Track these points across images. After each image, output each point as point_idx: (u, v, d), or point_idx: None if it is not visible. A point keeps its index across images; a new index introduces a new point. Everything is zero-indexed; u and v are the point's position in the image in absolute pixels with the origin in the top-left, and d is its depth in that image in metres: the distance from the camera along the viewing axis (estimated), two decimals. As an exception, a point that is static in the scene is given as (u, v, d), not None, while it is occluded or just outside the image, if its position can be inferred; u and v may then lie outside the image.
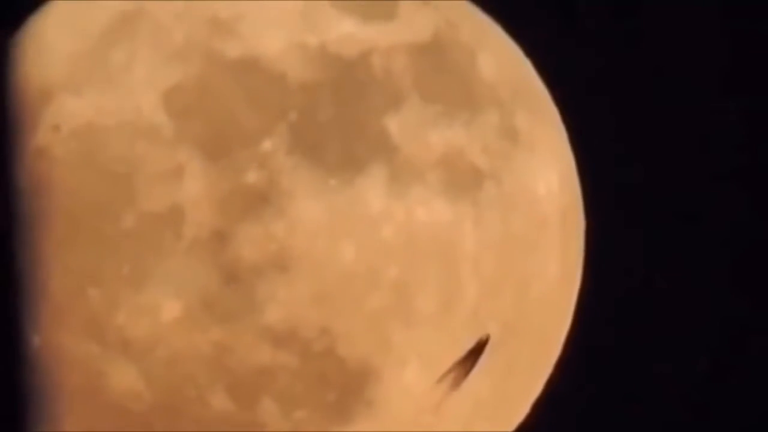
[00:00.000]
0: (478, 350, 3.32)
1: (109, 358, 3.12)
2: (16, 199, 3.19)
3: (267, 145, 3.10)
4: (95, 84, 3.19)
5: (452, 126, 3.28)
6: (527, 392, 3.75)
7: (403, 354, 3.20)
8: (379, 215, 3.15)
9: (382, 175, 3.15)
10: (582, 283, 3.79)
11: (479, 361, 3.33)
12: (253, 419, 3.15)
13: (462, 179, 3.27)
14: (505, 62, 3.59)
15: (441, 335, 3.25)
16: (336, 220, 3.11)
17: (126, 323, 3.09)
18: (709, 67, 4.85)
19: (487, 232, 3.29)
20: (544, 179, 3.52)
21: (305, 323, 3.10)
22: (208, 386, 3.10)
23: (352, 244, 3.12)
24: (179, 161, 3.09)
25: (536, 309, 3.50)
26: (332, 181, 3.12)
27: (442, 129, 3.26)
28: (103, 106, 3.15)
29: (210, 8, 3.23)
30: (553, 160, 3.60)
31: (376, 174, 3.15)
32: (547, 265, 3.52)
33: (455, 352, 3.30)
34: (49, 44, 3.33)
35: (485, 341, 3.33)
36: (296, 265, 3.09)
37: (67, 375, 3.17)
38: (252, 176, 3.09)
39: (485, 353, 3.33)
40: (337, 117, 3.16)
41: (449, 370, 3.29)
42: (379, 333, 3.16)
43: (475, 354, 3.32)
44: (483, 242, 3.29)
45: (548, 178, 3.53)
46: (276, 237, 3.08)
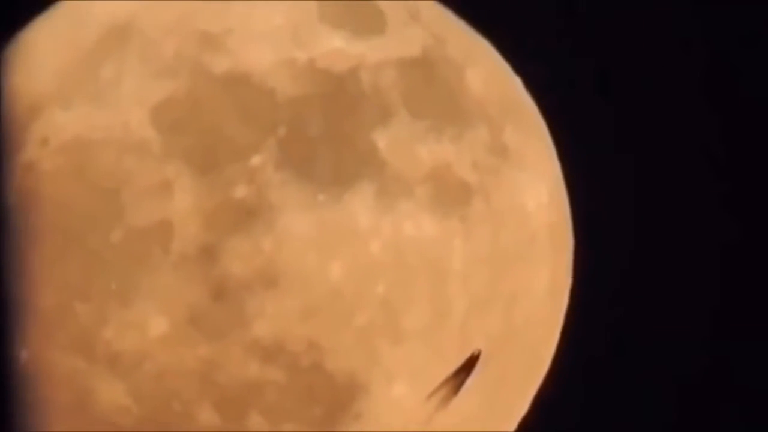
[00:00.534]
0: (469, 367, 3.32)
1: (97, 373, 3.11)
2: (4, 214, 3.18)
3: (256, 160, 3.10)
4: (84, 98, 3.19)
5: (441, 141, 3.28)
6: (515, 408, 3.74)
7: (391, 369, 3.19)
8: (368, 231, 3.15)
9: (371, 191, 3.16)
10: (570, 299, 3.79)
11: (470, 378, 3.33)
12: (241, 434, 3.15)
13: (451, 194, 3.27)
14: (494, 78, 3.60)
15: (429, 351, 3.24)
16: (324, 236, 3.11)
17: (114, 338, 3.09)
18: (699, 82, 4.86)
19: (476, 248, 3.29)
20: (533, 194, 3.52)
21: (293, 338, 3.09)
22: (196, 401, 3.10)
23: (341, 260, 3.12)
24: (168, 176, 3.09)
25: (525, 324, 3.49)
26: (321, 196, 3.12)
27: (431, 144, 3.26)
28: (92, 120, 3.15)
29: (199, 23, 3.23)
30: (542, 176, 3.60)
31: (365, 189, 3.15)
32: (536, 281, 3.52)
33: (443, 368, 3.30)
34: (38, 58, 3.33)
35: (476, 358, 3.32)
36: (284, 280, 3.08)
37: (55, 390, 3.17)
38: (241, 191, 3.09)
39: (475, 370, 3.33)
40: (326, 132, 3.16)
41: (440, 387, 3.29)
42: (367, 348, 3.16)
43: (466, 370, 3.32)
44: (471, 258, 3.29)
45: (537, 194, 3.54)
46: (264, 252, 3.08)
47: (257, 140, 3.12)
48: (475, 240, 3.29)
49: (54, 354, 3.14)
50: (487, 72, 3.57)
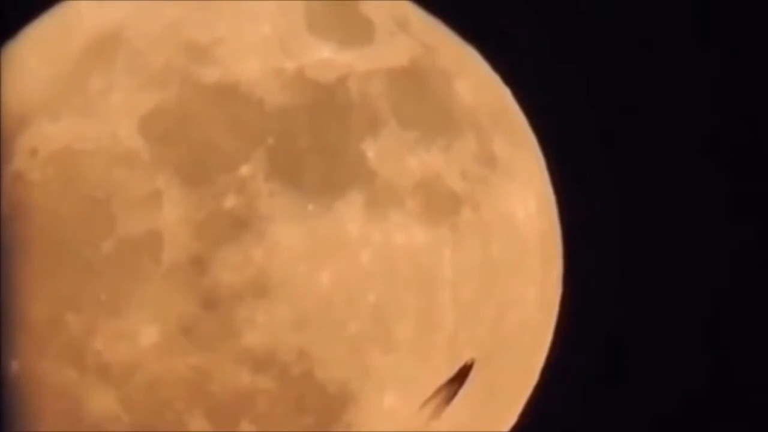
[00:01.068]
0: (462, 376, 3.32)
1: (88, 384, 3.11)
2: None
3: (245, 170, 3.10)
4: (73, 108, 3.19)
5: (430, 151, 3.29)
6: (506, 417, 3.74)
7: (382, 378, 3.19)
8: (358, 240, 3.15)
9: (360, 200, 3.16)
10: (560, 308, 3.79)
11: (462, 388, 3.32)
12: (232, 443, 3.15)
13: (440, 204, 3.28)
14: (483, 88, 3.60)
15: (419, 360, 3.24)
16: (314, 245, 3.11)
17: (105, 349, 3.08)
18: (688, 92, 4.87)
19: (466, 258, 3.30)
20: (522, 204, 3.52)
21: (284, 347, 3.09)
22: (187, 411, 3.09)
23: (331, 269, 3.12)
24: (157, 186, 3.09)
25: (515, 333, 3.50)
26: (310, 206, 3.12)
27: (420, 154, 3.27)
28: (81, 131, 3.15)
29: (187, 33, 3.24)
30: (531, 186, 3.61)
31: (354, 199, 3.15)
32: (526, 291, 3.52)
33: (434, 377, 3.30)
34: (27, 68, 3.33)
35: (469, 367, 3.32)
36: (275, 290, 3.08)
37: (46, 400, 3.16)
38: (230, 201, 3.09)
39: (468, 380, 3.33)
40: (315, 142, 3.16)
41: (432, 396, 3.29)
42: (358, 358, 3.16)
43: (459, 381, 3.32)
44: (461, 267, 3.29)
45: (526, 204, 3.54)
46: (254, 262, 3.08)
47: (246, 150, 3.12)
48: (465, 249, 3.30)
49: (45, 365, 3.14)
50: (476, 82, 3.58)
